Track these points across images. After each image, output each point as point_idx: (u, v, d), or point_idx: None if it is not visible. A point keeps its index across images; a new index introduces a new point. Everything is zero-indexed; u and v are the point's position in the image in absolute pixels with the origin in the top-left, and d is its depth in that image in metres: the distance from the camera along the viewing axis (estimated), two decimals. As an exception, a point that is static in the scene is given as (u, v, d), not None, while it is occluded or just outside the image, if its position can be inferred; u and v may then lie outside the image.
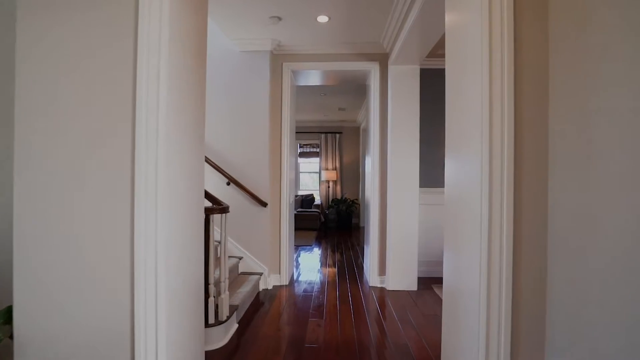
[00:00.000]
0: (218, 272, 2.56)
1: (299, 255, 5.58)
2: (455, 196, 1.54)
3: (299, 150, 9.66)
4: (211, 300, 2.43)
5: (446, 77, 1.72)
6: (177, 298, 1.46)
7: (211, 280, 2.44)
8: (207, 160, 3.68)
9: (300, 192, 9.73)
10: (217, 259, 2.68)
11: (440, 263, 4.21)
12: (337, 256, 5.53)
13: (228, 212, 2.51)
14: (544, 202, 1.24)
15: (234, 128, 3.79)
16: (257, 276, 3.62)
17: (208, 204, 2.60)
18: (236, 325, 2.74)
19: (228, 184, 3.75)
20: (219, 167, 3.70)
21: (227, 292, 2.56)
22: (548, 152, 1.25)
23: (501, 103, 1.22)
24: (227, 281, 2.57)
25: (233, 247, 3.76)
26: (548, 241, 1.24)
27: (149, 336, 1.31)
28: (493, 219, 1.21)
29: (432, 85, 4.15)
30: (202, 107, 1.79)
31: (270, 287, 3.77)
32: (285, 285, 3.88)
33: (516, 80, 1.26)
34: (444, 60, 1.73)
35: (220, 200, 2.55)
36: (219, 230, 3.77)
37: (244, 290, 3.13)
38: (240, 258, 3.72)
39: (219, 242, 2.99)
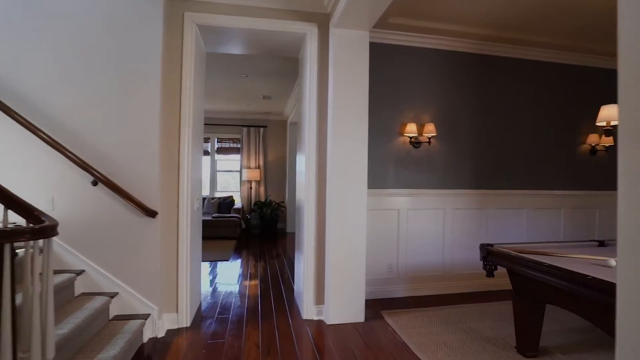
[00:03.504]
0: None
1: (211, 272, 4.41)
2: None
3: (217, 146, 8.34)
4: (9, 411, 1.25)
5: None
6: None
7: (11, 370, 1.26)
8: (57, 147, 2.37)
9: (218, 194, 8.41)
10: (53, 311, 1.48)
11: (391, 281, 3.47)
12: (261, 271, 4.50)
13: (54, 234, 1.35)
14: None
15: (106, 105, 2.53)
16: (141, 321, 2.43)
17: (19, 219, 1.40)
18: None
19: (95, 183, 2.49)
20: (80, 159, 2.42)
21: (54, 383, 1.39)
22: None
23: None
24: (54, 362, 1.40)
25: (102, 278, 2.50)
26: None
27: None
28: None
29: (381, 65, 3.40)
30: None
31: (162, 335, 2.60)
32: (186, 327, 2.73)
33: None
34: (397, 34, 0.88)
35: (39, 213, 1.37)
36: (85, 259, 2.50)
37: (109, 355, 1.94)
38: (114, 295, 2.48)
39: (78, 274, 1.76)
